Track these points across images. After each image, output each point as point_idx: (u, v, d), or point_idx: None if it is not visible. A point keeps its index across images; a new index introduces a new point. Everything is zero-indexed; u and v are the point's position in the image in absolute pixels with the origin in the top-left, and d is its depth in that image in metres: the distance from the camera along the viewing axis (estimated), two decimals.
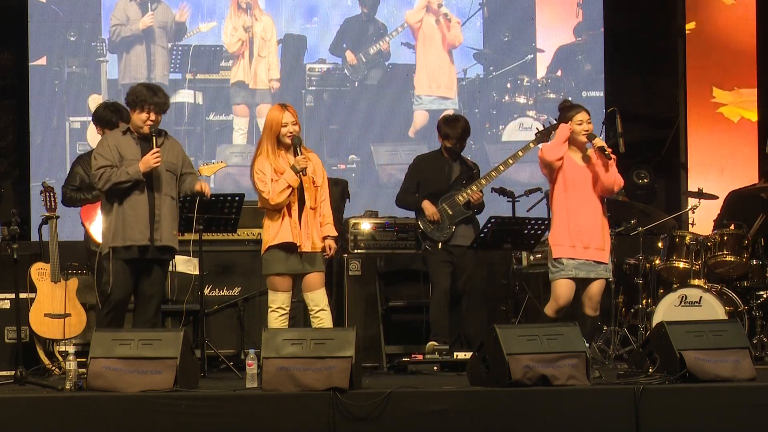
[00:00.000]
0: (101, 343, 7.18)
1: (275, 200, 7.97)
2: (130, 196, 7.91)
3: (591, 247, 8.14)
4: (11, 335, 9.09)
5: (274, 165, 8.00)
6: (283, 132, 8.02)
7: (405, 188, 9.64)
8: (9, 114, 11.12)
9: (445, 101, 11.40)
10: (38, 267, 9.12)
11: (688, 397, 7.10)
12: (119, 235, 7.89)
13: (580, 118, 8.25)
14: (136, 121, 7.95)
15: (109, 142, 7.98)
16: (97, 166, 7.90)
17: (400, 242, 10.01)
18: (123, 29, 11.09)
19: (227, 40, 11.25)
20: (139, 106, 7.91)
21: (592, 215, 8.17)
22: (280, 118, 8.02)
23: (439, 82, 11.45)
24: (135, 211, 7.90)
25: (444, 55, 11.47)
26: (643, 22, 11.73)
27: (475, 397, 7.05)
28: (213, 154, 11.10)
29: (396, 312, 9.99)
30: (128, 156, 7.92)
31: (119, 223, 7.90)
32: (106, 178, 7.86)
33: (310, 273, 8.03)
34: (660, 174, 11.64)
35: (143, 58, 11.13)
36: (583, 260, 8.14)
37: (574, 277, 8.14)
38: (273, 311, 8.04)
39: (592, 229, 8.15)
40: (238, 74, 11.27)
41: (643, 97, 11.77)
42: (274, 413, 6.89)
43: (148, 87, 8.02)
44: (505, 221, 9.16)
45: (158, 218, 7.93)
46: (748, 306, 9.72)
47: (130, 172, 7.85)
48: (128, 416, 6.82)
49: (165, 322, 9.47)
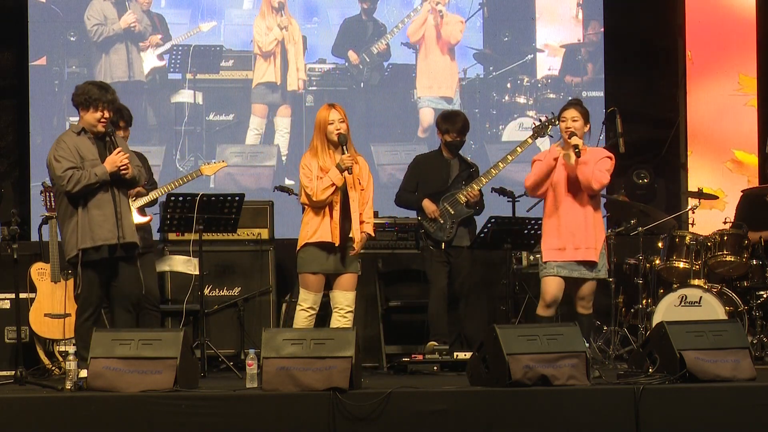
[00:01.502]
0: (101, 343, 7.18)
1: (318, 197, 8.00)
2: (96, 197, 7.71)
3: (581, 247, 8.10)
4: (11, 335, 9.09)
5: (320, 162, 8.04)
6: (330, 130, 8.08)
7: (404, 187, 9.65)
8: (9, 114, 11.11)
9: (447, 101, 11.41)
10: (38, 267, 9.12)
11: (688, 397, 7.10)
12: (87, 236, 7.68)
13: (565, 116, 8.21)
14: (90, 120, 7.75)
15: (68, 143, 7.77)
16: (63, 169, 7.65)
17: (400, 242, 10.02)
18: (104, 29, 11.07)
19: (260, 39, 11.23)
20: (92, 105, 7.72)
21: (580, 215, 8.13)
22: (327, 116, 8.10)
23: (440, 83, 11.45)
24: (101, 210, 7.72)
25: (443, 56, 11.47)
26: (643, 22, 11.72)
27: (475, 397, 7.05)
28: (213, 154, 11.10)
29: (396, 312, 10.00)
30: (88, 156, 7.75)
31: (86, 224, 7.69)
32: (75, 180, 7.64)
33: (348, 273, 8.08)
34: (660, 174, 11.63)
35: (124, 57, 11.10)
36: (573, 261, 8.11)
37: (565, 276, 8.11)
38: (303, 310, 8.03)
39: (580, 228, 8.11)
40: (268, 74, 11.25)
41: (643, 97, 11.77)
42: (274, 413, 6.89)
43: (98, 85, 7.84)
44: (505, 221, 9.17)
45: (120, 216, 7.76)
46: (748, 306, 9.71)
47: (98, 173, 7.67)
48: (128, 416, 6.82)
49: (165, 322, 9.48)
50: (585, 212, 8.15)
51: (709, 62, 11.59)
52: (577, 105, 8.31)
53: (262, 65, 11.26)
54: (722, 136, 11.57)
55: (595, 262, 8.15)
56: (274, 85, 11.26)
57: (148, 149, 10.16)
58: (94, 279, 7.74)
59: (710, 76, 11.58)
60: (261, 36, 11.25)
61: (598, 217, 8.23)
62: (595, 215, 8.20)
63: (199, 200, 8.85)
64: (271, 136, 11.22)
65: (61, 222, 7.87)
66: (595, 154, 8.26)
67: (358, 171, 8.14)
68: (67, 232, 7.80)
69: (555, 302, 8.15)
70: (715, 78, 11.56)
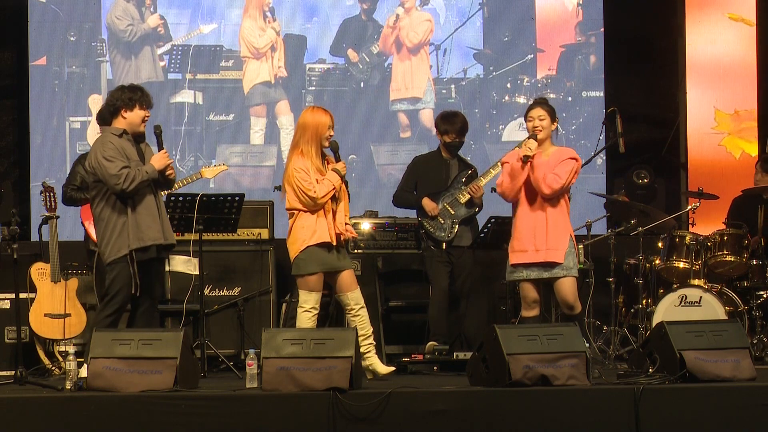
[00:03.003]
0: (101, 343, 7.18)
1: (322, 200, 7.99)
2: (144, 197, 7.80)
3: (542, 249, 7.99)
4: (11, 335, 9.10)
5: (316, 166, 8.03)
6: (327, 135, 8.06)
7: (402, 187, 9.66)
8: (9, 114, 11.11)
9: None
10: (38, 267, 9.13)
11: (688, 397, 7.10)
12: (136, 237, 7.75)
13: (531, 115, 8.06)
14: (135, 119, 7.83)
15: (115, 144, 7.80)
16: (118, 168, 7.66)
17: (400, 242, 10.02)
18: (135, 29, 11.08)
19: (254, 40, 11.22)
20: (138, 103, 7.81)
21: (539, 217, 7.97)
22: (327, 122, 8.04)
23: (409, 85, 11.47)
24: (149, 210, 7.80)
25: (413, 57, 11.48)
26: (643, 22, 11.72)
27: (475, 397, 7.05)
28: (213, 154, 11.10)
29: (396, 312, 10.00)
30: (132, 157, 7.82)
31: (134, 225, 7.76)
32: (131, 177, 7.68)
33: (346, 270, 8.07)
34: (660, 174, 11.63)
35: (150, 58, 11.12)
36: (535, 262, 7.96)
37: (533, 279, 8.00)
38: (306, 311, 7.98)
39: (539, 230, 7.96)
40: (262, 74, 11.25)
41: (643, 97, 11.77)
42: (274, 413, 6.89)
43: (131, 88, 7.92)
44: (505, 221, 9.16)
45: (162, 216, 7.90)
46: (748, 306, 9.72)
47: (149, 171, 7.75)
48: (128, 416, 6.83)
49: (165, 322, 9.48)
50: (549, 213, 7.95)
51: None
52: (543, 104, 8.14)
53: (257, 65, 11.26)
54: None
55: (560, 263, 7.92)
56: (269, 84, 11.26)
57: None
58: (128, 279, 7.73)
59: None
60: (255, 38, 11.24)
61: (561, 217, 7.99)
62: (559, 216, 7.97)
63: (199, 200, 8.86)
64: (271, 136, 11.23)
65: (105, 223, 7.82)
66: (560, 155, 8.05)
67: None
68: (114, 232, 7.78)
69: (536, 301, 8.06)
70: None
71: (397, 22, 11.39)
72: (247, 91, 11.24)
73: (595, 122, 10.97)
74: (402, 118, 11.39)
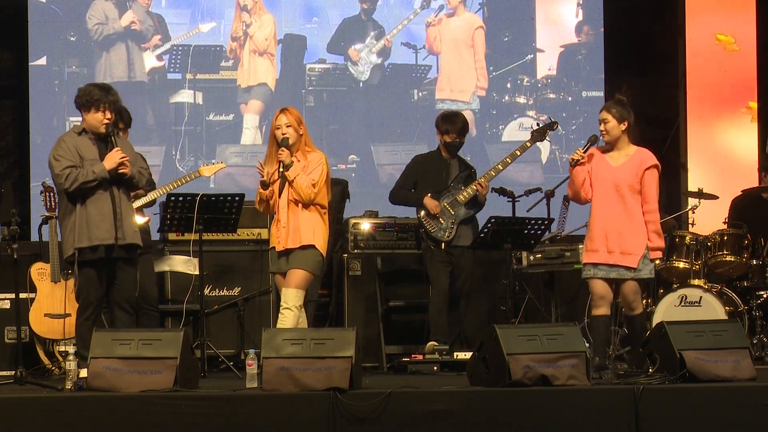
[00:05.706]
0: (101, 343, 7.18)
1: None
2: (94, 196, 7.74)
3: (615, 251, 7.97)
4: (11, 335, 9.09)
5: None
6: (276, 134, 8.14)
7: (400, 185, 9.64)
8: (9, 114, 11.11)
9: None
10: (38, 267, 9.12)
11: (688, 397, 7.10)
12: (84, 236, 7.71)
13: (599, 118, 8.23)
14: (92, 121, 7.78)
15: (68, 143, 7.80)
16: (61, 167, 7.69)
17: (400, 242, 10.02)
18: (105, 28, 11.08)
19: (258, 38, 11.23)
20: (94, 106, 7.76)
21: (611, 220, 7.94)
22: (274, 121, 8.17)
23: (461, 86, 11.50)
24: (99, 210, 7.73)
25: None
26: (643, 22, 11.73)
27: (475, 397, 7.05)
28: (213, 154, 11.11)
29: (396, 312, 9.99)
30: (88, 156, 7.77)
31: (83, 223, 7.72)
32: (73, 178, 7.68)
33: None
34: (660, 174, 11.60)
35: (124, 57, 11.11)
36: (606, 263, 7.93)
37: (602, 277, 8.01)
38: (296, 308, 8.00)
39: (611, 233, 7.92)
40: (261, 74, 11.26)
41: (643, 97, 11.75)
42: (274, 413, 6.89)
43: (99, 87, 7.88)
44: (505, 221, 9.16)
45: (120, 216, 7.77)
46: (748, 306, 9.72)
47: (96, 171, 7.70)
48: (128, 416, 6.82)
49: (165, 322, 9.48)
50: (621, 218, 7.96)
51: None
52: (609, 106, 8.23)
53: (255, 65, 11.27)
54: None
55: (633, 267, 7.91)
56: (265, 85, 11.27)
57: (148, 149, 10.16)
58: (92, 278, 7.74)
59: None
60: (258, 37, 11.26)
61: (638, 222, 7.96)
62: (635, 221, 7.95)
63: (199, 200, 8.85)
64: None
65: (61, 221, 7.90)
66: (640, 159, 8.19)
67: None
68: (66, 230, 7.82)
69: (603, 298, 7.97)
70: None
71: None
72: (245, 90, 11.26)
73: (595, 122, 10.90)
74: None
